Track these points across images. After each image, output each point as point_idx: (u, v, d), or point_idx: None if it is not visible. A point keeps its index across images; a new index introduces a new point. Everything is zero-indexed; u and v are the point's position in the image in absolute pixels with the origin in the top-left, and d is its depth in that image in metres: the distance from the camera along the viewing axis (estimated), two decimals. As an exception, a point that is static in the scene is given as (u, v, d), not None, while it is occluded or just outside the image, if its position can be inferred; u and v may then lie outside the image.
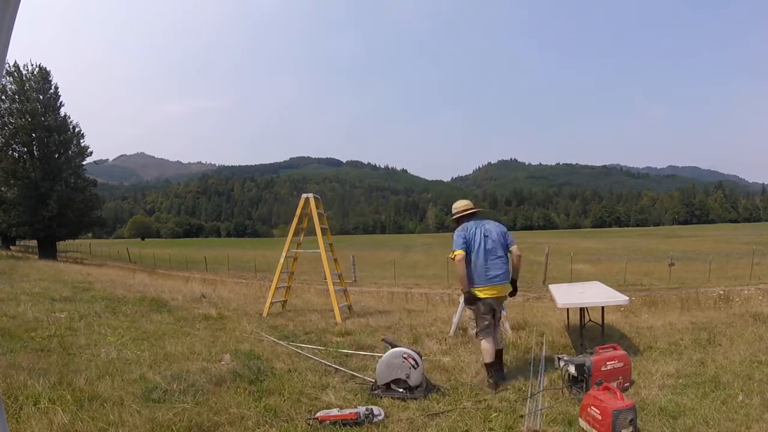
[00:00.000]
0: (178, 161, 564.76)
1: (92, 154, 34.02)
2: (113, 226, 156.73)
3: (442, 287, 20.79)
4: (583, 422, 3.06)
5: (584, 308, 5.27)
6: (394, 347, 3.87)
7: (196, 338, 5.38)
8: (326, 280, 7.68)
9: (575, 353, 4.61)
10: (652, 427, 3.03)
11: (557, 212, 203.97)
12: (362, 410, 3.15)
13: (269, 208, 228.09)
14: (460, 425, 3.10)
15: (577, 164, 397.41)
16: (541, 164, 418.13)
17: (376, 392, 3.69)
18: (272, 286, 7.72)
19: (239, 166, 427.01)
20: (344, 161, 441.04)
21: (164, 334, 5.53)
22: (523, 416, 3.21)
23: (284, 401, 3.45)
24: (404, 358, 3.70)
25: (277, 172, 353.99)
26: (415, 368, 3.67)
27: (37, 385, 3.33)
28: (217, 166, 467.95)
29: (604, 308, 5.25)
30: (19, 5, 1.00)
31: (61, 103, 32.21)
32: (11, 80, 29.87)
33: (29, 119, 29.43)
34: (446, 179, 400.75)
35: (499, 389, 3.78)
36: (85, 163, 33.93)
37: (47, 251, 31.25)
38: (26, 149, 30.52)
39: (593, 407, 3.00)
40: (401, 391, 3.65)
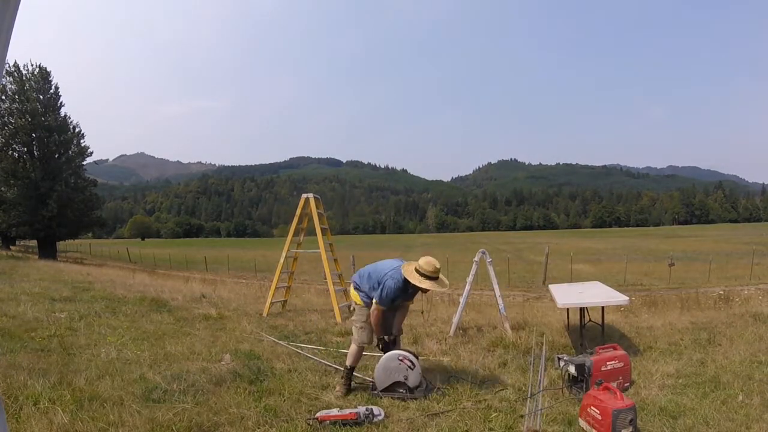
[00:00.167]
0: (178, 161, 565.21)
1: (92, 154, 34.08)
2: (113, 226, 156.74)
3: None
4: (583, 422, 3.06)
5: (584, 308, 5.27)
6: (386, 351, 3.83)
7: (196, 338, 5.38)
8: (326, 280, 7.69)
9: (575, 353, 4.61)
10: (652, 427, 3.03)
11: (557, 212, 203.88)
12: (362, 410, 3.15)
13: (269, 208, 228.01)
14: (460, 425, 3.10)
15: (577, 164, 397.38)
16: (541, 164, 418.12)
17: (375, 392, 3.69)
18: (272, 286, 7.72)
19: (239, 166, 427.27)
20: (344, 161, 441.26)
21: (164, 334, 5.53)
22: (523, 416, 3.21)
23: (284, 401, 3.45)
24: (400, 360, 3.69)
25: (277, 172, 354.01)
26: (412, 369, 3.66)
27: (37, 385, 3.33)
28: (217, 166, 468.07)
29: (604, 308, 5.25)
30: (19, 5, 1.00)
31: (61, 103, 32.26)
32: (11, 80, 29.88)
33: (29, 119, 29.44)
34: (446, 179, 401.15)
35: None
36: (85, 163, 33.95)
37: (47, 251, 31.26)
38: (26, 149, 30.53)
39: (593, 407, 3.00)
40: (401, 391, 3.66)
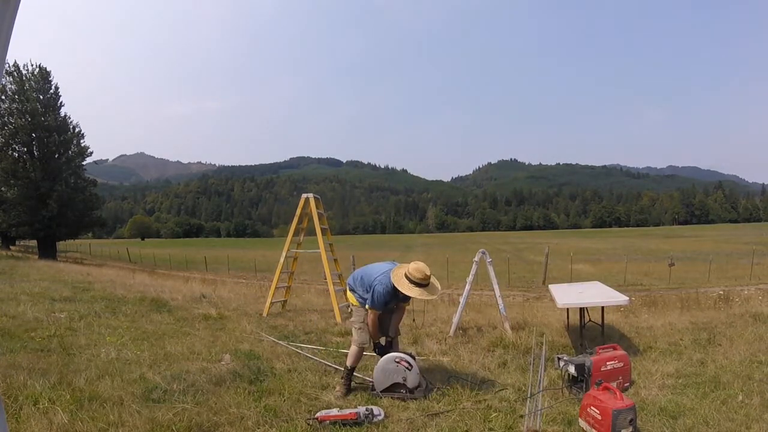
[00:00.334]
0: (178, 161, 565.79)
1: (92, 154, 34.05)
2: (113, 226, 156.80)
3: (441, 287, 20.76)
4: (582, 422, 3.06)
5: (584, 308, 5.27)
6: (382, 353, 3.85)
7: (196, 338, 5.38)
8: (326, 280, 7.68)
9: (575, 353, 4.61)
10: (652, 427, 3.03)
11: (557, 212, 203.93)
12: (362, 410, 3.14)
13: (269, 208, 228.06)
14: (460, 425, 3.09)
15: (577, 164, 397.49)
16: (541, 164, 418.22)
17: (375, 392, 3.69)
18: (272, 286, 7.72)
19: (239, 166, 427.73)
20: (344, 161, 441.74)
21: (164, 334, 5.53)
22: (523, 416, 3.21)
23: (284, 401, 3.45)
24: (397, 362, 3.69)
25: (277, 172, 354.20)
26: (409, 370, 3.66)
27: (36, 385, 3.33)
28: (217, 166, 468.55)
29: (604, 308, 5.25)
30: (19, 5, 1.01)
31: (61, 103, 32.22)
32: (11, 80, 29.87)
33: (29, 119, 29.43)
34: (446, 179, 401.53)
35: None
36: (85, 163, 33.94)
37: (47, 251, 31.25)
38: (26, 149, 30.51)
39: (593, 407, 2.99)
40: (402, 392, 3.65)
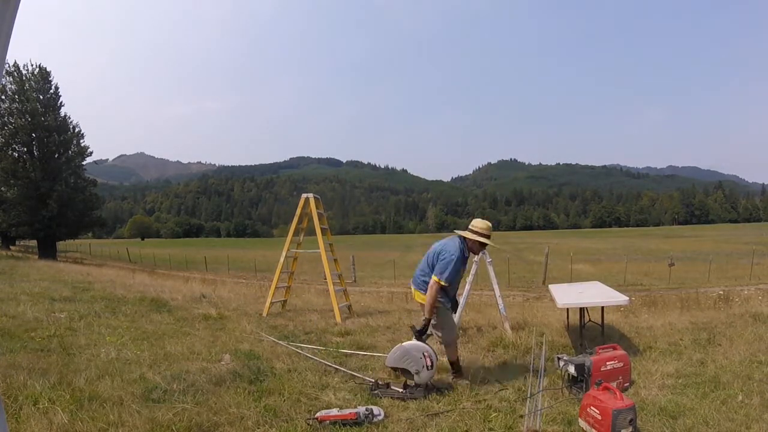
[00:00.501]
0: (178, 161, 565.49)
1: (92, 154, 34.09)
2: (113, 226, 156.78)
3: (442, 287, 20.74)
4: (582, 422, 3.06)
5: (584, 308, 5.27)
6: (420, 340, 3.84)
7: (196, 338, 5.38)
8: (326, 280, 7.68)
9: (575, 353, 4.61)
10: (652, 427, 3.03)
11: (557, 212, 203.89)
12: (362, 410, 3.14)
13: (269, 208, 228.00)
14: (460, 425, 3.09)
15: (577, 164, 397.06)
16: (541, 164, 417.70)
17: (375, 392, 3.69)
18: (272, 286, 7.71)
19: (239, 166, 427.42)
20: (344, 161, 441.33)
21: (164, 334, 5.53)
22: (523, 416, 3.20)
23: (284, 401, 3.45)
24: (424, 355, 3.69)
25: (277, 172, 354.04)
26: (428, 369, 3.66)
27: (36, 385, 3.33)
28: (217, 166, 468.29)
29: (603, 308, 5.25)
30: (18, 5, 1.01)
31: (61, 103, 32.26)
32: (11, 80, 29.89)
33: (29, 119, 29.45)
34: (446, 179, 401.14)
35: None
36: (85, 163, 33.97)
37: (47, 251, 31.25)
38: (26, 149, 30.53)
39: (593, 407, 2.99)
40: (401, 391, 3.66)
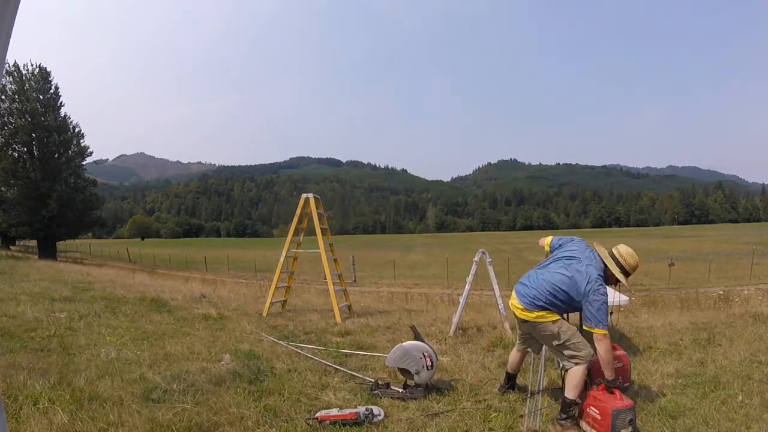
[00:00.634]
0: (178, 161, 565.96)
1: (92, 154, 34.14)
2: (113, 226, 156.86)
3: (441, 287, 20.82)
4: (582, 423, 3.06)
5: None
6: (420, 340, 3.85)
7: (196, 338, 5.38)
8: (326, 280, 7.68)
9: (575, 353, 4.60)
10: (652, 427, 3.03)
11: (557, 212, 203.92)
12: (362, 410, 3.14)
13: (269, 208, 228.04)
14: (460, 425, 3.09)
15: (577, 164, 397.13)
16: (541, 164, 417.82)
17: (375, 392, 3.69)
18: (272, 286, 7.71)
19: (239, 166, 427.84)
20: (344, 161, 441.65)
21: (164, 334, 5.53)
22: (523, 416, 3.21)
23: (284, 401, 3.45)
24: (424, 355, 3.69)
25: (277, 172, 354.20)
26: (428, 369, 3.66)
27: (36, 385, 3.33)
28: (217, 166, 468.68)
29: (603, 308, 5.24)
30: (18, 5, 1.00)
31: (61, 103, 32.30)
32: (11, 80, 29.90)
33: (29, 119, 29.46)
34: (446, 179, 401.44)
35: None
36: (85, 163, 34.00)
37: (47, 251, 31.26)
38: (26, 149, 30.55)
39: (593, 407, 2.99)
40: (401, 391, 3.66)
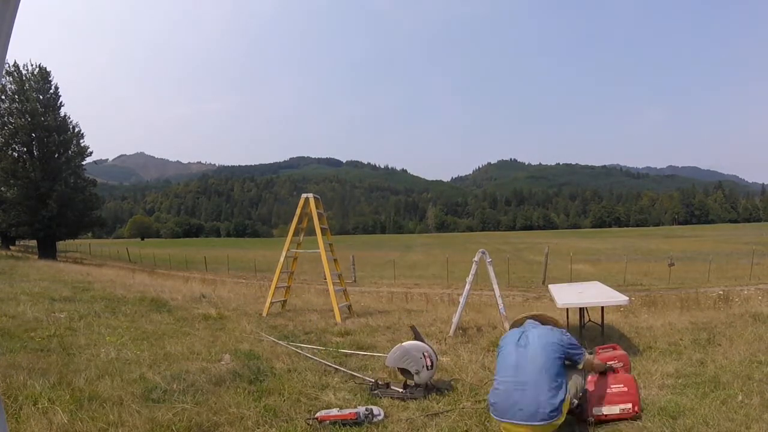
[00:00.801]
0: (178, 161, 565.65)
1: (92, 154, 34.16)
2: (113, 226, 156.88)
3: (441, 287, 20.82)
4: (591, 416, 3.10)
5: (584, 308, 5.28)
6: (420, 340, 3.85)
7: (195, 338, 5.38)
8: (326, 280, 7.68)
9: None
10: (652, 427, 3.03)
11: (557, 212, 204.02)
12: (362, 410, 3.14)
13: (269, 208, 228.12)
14: (460, 425, 3.09)
15: (577, 164, 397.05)
16: (541, 164, 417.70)
17: (375, 392, 3.69)
18: (272, 286, 7.71)
19: (239, 166, 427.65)
20: (344, 161, 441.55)
21: (164, 334, 5.53)
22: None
23: (284, 401, 3.45)
24: (424, 355, 3.69)
25: (277, 172, 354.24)
26: (428, 369, 3.66)
27: (36, 385, 3.33)
28: (217, 166, 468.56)
29: (603, 308, 5.25)
30: (18, 5, 1.00)
31: (61, 102, 32.31)
32: (11, 80, 29.91)
33: (29, 119, 29.46)
34: (446, 179, 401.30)
35: None
36: (84, 163, 34.01)
37: (47, 251, 31.26)
38: (26, 149, 30.55)
39: (613, 386, 3.15)
40: (401, 391, 3.66)
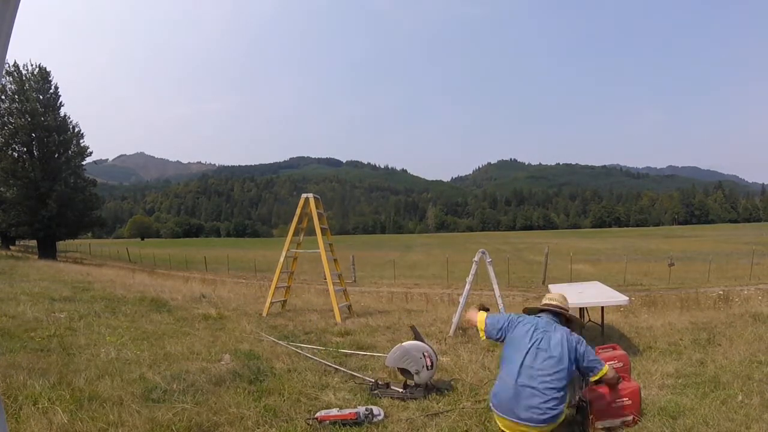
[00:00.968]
0: (178, 161, 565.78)
1: (92, 154, 34.09)
2: (113, 226, 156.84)
3: (441, 287, 20.80)
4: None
5: (584, 308, 5.28)
6: (420, 340, 3.85)
7: (195, 338, 5.38)
8: (326, 280, 7.68)
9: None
10: (652, 427, 3.03)
11: (557, 212, 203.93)
12: (362, 410, 3.14)
13: (269, 208, 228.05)
14: (460, 425, 3.10)
15: (577, 164, 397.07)
16: (541, 164, 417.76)
17: (375, 392, 3.69)
18: (272, 286, 7.71)
19: (239, 166, 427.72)
20: (344, 161, 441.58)
21: (164, 334, 5.53)
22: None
23: (284, 401, 3.45)
24: (424, 355, 3.69)
25: (277, 172, 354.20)
26: (428, 369, 3.66)
27: (36, 385, 3.33)
28: (217, 166, 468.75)
29: (603, 308, 5.25)
30: (18, 5, 1.00)
31: (60, 102, 32.26)
32: (11, 80, 29.88)
33: (29, 119, 29.43)
34: (446, 179, 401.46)
35: None
36: (84, 163, 33.96)
37: (47, 251, 31.24)
38: (26, 149, 30.51)
39: (620, 399, 3.10)
40: (401, 391, 3.65)
